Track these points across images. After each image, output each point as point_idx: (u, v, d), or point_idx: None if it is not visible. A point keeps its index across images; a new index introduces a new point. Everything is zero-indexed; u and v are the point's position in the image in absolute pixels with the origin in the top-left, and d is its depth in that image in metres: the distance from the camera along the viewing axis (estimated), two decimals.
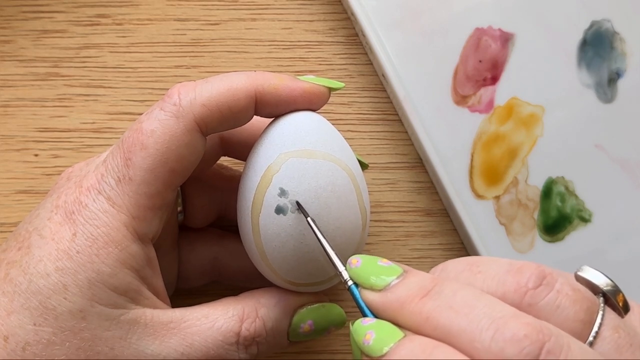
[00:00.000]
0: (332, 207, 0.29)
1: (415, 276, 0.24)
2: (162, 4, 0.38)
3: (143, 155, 0.28)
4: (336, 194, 0.29)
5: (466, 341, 0.22)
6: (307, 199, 0.28)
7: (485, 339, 0.21)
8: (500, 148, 0.36)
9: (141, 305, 0.28)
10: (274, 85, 0.29)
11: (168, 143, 0.28)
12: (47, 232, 0.27)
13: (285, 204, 0.28)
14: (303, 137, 0.29)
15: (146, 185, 0.28)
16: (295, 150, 0.29)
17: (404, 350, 0.22)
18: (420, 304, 0.23)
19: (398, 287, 0.24)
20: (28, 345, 0.26)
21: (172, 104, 0.28)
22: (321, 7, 0.38)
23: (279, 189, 0.28)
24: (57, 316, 0.26)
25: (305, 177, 0.29)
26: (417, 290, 0.24)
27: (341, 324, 0.31)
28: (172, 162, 0.28)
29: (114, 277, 0.27)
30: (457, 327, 0.22)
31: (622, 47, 0.37)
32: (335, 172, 0.29)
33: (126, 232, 0.27)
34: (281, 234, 0.29)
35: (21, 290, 0.27)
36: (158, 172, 0.28)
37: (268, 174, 0.29)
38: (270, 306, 0.30)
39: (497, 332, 0.21)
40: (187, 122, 0.28)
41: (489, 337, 0.21)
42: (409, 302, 0.23)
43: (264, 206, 0.29)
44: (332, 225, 0.29)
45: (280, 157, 0.29)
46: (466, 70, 0.37)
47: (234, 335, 0.29)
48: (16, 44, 0.37)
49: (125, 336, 0.27)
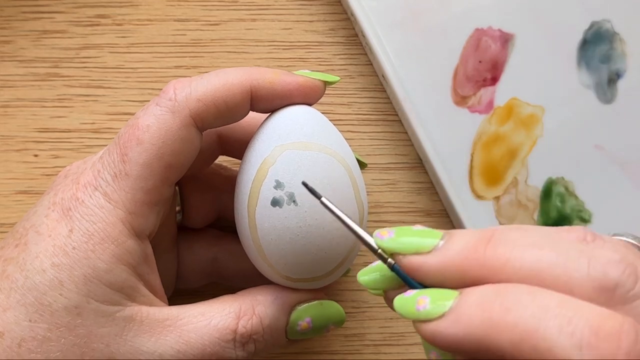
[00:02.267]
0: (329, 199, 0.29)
1: (465, 231, 0.22)
2: (162, 4, 0.38)
3: (139, 151, 0.28)
4: (332, 186, 0.29)
5: (562, 273, 0.20)
6: (303, 191, 0.28)
7: (582, 267, 0.20)
8: (500, 148, 0.36)
9: (137, 302, 0.28)
10: (270, 80, 0.29)
11: (164, 138, 0.28)
12: (44, 228, 0.27)
13: (282, 196, 0.28)
14: (298, 129, 0.29)
15: (142, 181, 0.28)
16: (291, 143, 0.29)
17: (473, 296, 0.21)
18: (490, 248, 0.21)
19: (453, 242, 0.22)
20: (24, 342, 0.26)
21: (168, 99, 0.28)
22: (321, 7, 0.38)
23: (275, 181, 0.28)
24: (53, 312, 0.26)
25: (301, 169, 0.28)
26: (477, 239, 0.22)
27: (340, 322, 0.31)
28: (168, 157, 0.28)
29: (110, 273, 0.27)
30: (548, 261, 0.21)
31: (622, 48, 0.37)
32: (332, 165, 0.29)
33: (122, 227, 0.27)
34: (277, 226, 0.28)
35: (17, 287, 0.27)
36: (154, 167, 0.28)
37: (264, 166, 0.29)
38: (267, 303, 0.30)
39: (591, 259, 0.21)
40: (183, 117, 0.28)
41: (585, 264, 0.20)
42: (475, 252, 0.21)
43: (259, 199, 0.29)
44: (328, 218, 0.28)
45: (275, 149, 0.29)
46: (466, 71, 0.37)
47: (231, 333, 0.28)
48: (16, 44, 0.37)
49: (121, 333, 0.27)
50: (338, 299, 0.36)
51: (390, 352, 0.36)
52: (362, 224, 0.30)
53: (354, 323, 0.36)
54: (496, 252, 0.21)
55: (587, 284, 0.20)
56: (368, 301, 0.36)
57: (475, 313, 0.20)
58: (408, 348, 0.36)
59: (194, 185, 0.33)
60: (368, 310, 0.36)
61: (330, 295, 0.36)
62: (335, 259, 0.30)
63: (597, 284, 0.20)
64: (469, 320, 0.20)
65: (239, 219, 0.30)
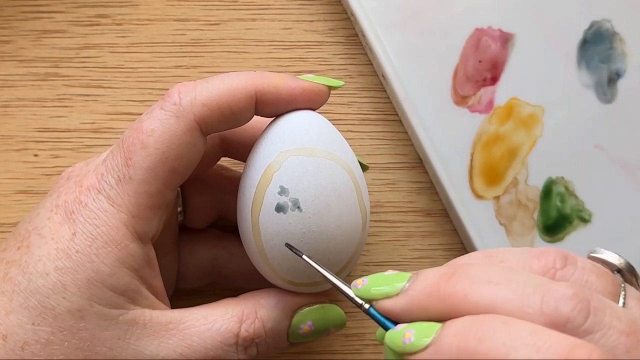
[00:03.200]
0: (333, 205, 0.29)
1: (429, 270, 0.24)
2: (162, 4, 0.38)
3: (143, 155, 0.28)
4: (337, 192, 0.29)
5: (515, 309, 0.21)
6: (307, 197, 0.28)
7: (535, 302, 0.21)
8: (500, 148, 0.36)
9: (140, 306, 0.28)
10: (274, 85, 0.29)
11: (168, 142, 0.28)
12: (47, 231, 0.27)
13: (286, 202, 0.28)
14: (303, 135, 0.29)
15: (146, 185, 0.28)
16: (296, 149, 0.29)
17: (451, 329, 0.22)
18: (450, 285, 0.23)
19: (417, 282, 0.24)
20: (27, 345, 0.26)
21: (173, 104, 0.28)
22: (321, 7, 0.38)
23: (279, 187, 0.28)
24: (56, 316, 0.26)
25: (306, 175, 0.29)
26: (439, 277, 0.23)
27: (341, 325, 0.31)
28: (172, 161, 0.28)
29: (113, 277, 0.27)
30: (503, 297, 0.22)
31: (622, 47, 0.37)
32: (336, 171, 0.29)
33: (126, 231, 0.27)
34: (281, 232, 0.29)
35: (20, 290, 0.27)
36: (158, 171, 0.28)
37: (268, 172, 0.29)
38: (269, 307, 0.30)
39: (545, 295, 0.21)
40: (188, 122, 0.28)
41: (538, 300, 0.21)
42: (437, 289, 0.23)
43: (264, 204, 0.29)
44: (332, 224, 0.29)
45: (280, 155, 0.29)
46: (466, 71, 0.37)
47: (233, 337, 0.29)
48: (16, 44, 0.37)
49: (124, 336, 0.27)
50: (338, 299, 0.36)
51: None
52: (364, 229, 0.30)
53: (354, 323, 0.36)
54: (455, 288, 0.23)
55: (539, 320, 0.21)
56: None
57: (452, 343, 0.22)
58: None
59: (196, 186, 0.33)
60: None
61: (330, 295, 0.36)
62: (337, 264, 0.30)
63: (548, 320, 0.21)
64: (448, 350, 0.22)
65: (242, 223, 0.30)
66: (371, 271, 0.36)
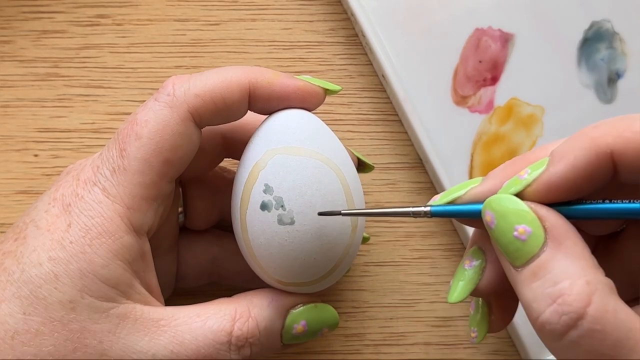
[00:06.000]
0: (317, 205, 0.28)
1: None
2: (162, 4, 0.38)
3: (137, 145, 0.28)
4: (321, 192, 0.29)
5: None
6: (291, 196, 0.28)
7: None
8: (500, 148, 0.36)
9: (132, 300, 0.28)
10: (268, 80, 0.29)
11: (162, 132, 0.28)
12: (44, 223, 0.27)
13: (270, 200, 0.28)
14: (291, 134, 0.29)
15: (141, 175, 0.28)
16: (282, 147, 0.29)
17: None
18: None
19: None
20: (17, 334, 0.26)
21: (166, 94, 0.28)
22: (321, 7, 0.38)
23: (264, 185, 0.28)
24: (47, 306, 0.26)
25: (290, 173, 0.28)
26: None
27: (334, 326, 0.31)
28: (166, 151, 0.28)
29: (106, 269, 0.27)
30: None
31: (622, 47, 0.37)
32: (322, 171, 0.29)
33: (120, 222, 0.27)
34: (266, 230, 0.28)
35: (13, 279, 0.27)
36: (152, 162, 0.28)
37: (255, 170, 0.29)
38: (262, 306, 0.29)
39: None
40: (181, 112, 0.28)
41: None
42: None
43: (250, 202, 0.29)
44: (316, 224, 0.28)
45: (267, 153, 0.29)
46: (466, 71, 0.37)
47: (226, 335, 0.28)
48: (16, 44, 0.37)
49: (114, 330, 0.27)
50: (338, 299, 0.36)
51: (390, 352, 0.36)
52: (355, 231, 0.30)
53: (354, 323, 0.36)
54: None
55: None
56: (368, 301, 0.36)
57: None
58: (408, 348, 0.36)
59: (197, 187, 0.33)
60: (368, 310, 0.36)
61: (330, 295, 0.36)
62: (325, 266, 0.29)
63: None
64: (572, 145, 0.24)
65: (234, 221, 0.30)
66: (371, 271, 0.37)
